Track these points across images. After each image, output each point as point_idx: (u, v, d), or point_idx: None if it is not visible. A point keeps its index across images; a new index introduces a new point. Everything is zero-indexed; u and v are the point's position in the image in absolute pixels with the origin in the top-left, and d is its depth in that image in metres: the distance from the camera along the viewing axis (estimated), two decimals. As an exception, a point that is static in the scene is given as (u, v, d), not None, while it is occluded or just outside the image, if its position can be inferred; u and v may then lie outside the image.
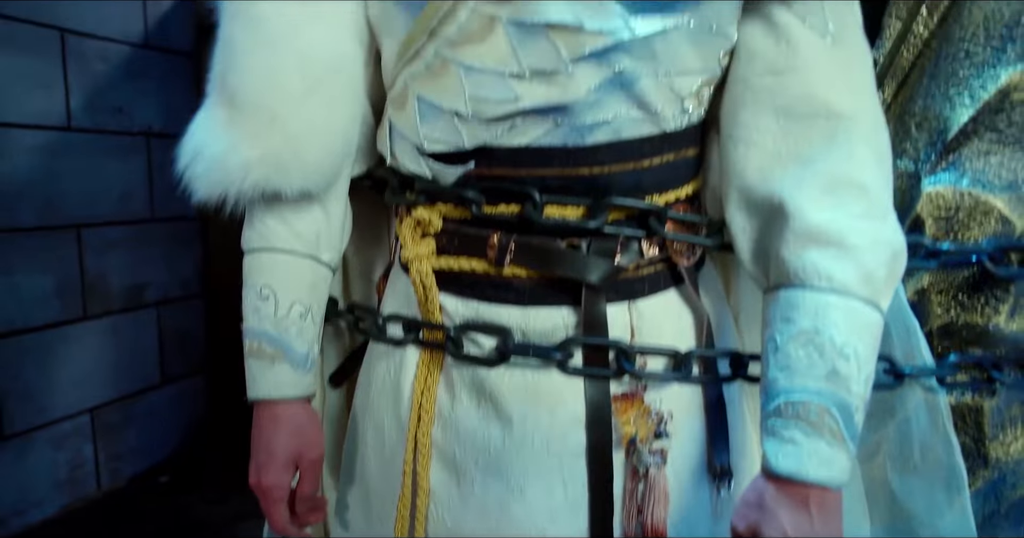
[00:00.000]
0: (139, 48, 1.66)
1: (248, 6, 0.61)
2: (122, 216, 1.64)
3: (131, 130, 1.65)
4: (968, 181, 0.76)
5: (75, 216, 1.54)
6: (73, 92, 1.53)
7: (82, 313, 1.56)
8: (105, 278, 1.60)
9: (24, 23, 1.42)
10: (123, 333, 1.64)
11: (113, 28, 1.60)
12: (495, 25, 0.56)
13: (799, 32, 0.59)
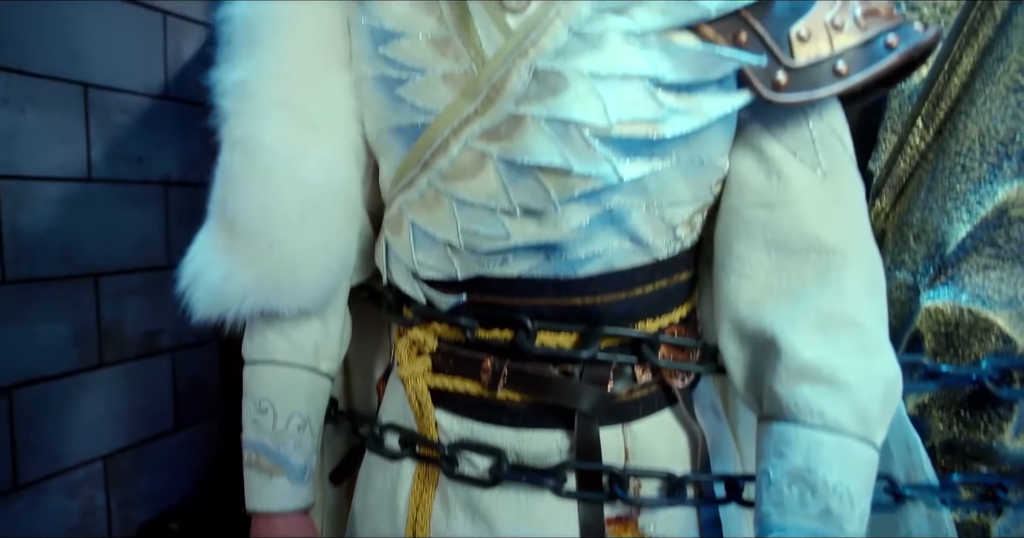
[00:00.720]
0: (159, 99, 1.70)
1: (248, 136, 0.62)
2: (139, 264, 1.66)
3: (150, 179, 1.68)
4: (967, 297, 0.76)
5: (93, 265, 1.57)
6: (94, 144, 1.56)
7: (98, 361, 1.58)
8: (121, 325, 1.63)
9: (50, 80, 1.46)
10: (137, 380, 1.66)
11: (135, 81, 1.64)
12: (486, 162, 0.58)
13: (790, 166, 0.59)
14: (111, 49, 1.58)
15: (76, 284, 1.53)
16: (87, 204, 1.54)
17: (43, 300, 1.47)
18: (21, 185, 1.42)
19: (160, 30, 1.70)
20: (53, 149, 1.48)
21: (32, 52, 1.42)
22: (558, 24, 0.55)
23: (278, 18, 0.61)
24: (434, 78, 0.59)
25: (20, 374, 1.42)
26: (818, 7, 0.56)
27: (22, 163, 1.42)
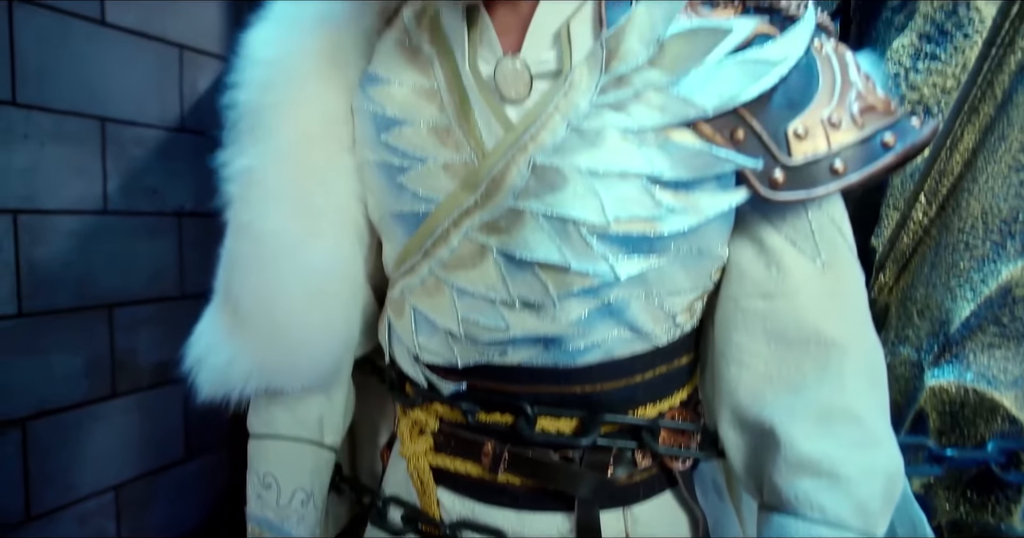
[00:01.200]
0: (174, 131, 1.72)
1: (253, 222, 0.63)
2: (153, 294, 1.68)
3: (164, 211, 1.71)
4: (972, 376, 0.76)
5: (108, 296, 1.59)
6: (110, 176, 1.59)
7: (111, 391, 1.59)
8: (134, 356, 1.64)
9: (69, 115, 1.49)
10: (150, 410, 1.68)
11: (151, 114, 1.67)
12: (486, 254, 0.58)
13: (790, 257, 0.59)
14: (128, 83, 1.61)
15: (90, 315, 1.55)
16: (102, 236, 1.57)
17: (58, 331, 1.48)
18: (39, 219, 1.45)
19: (176, 64, 1.73)
20: (70, 183, 1.50)
21: (52, 88, 1.45)
22: (557, 119, 0.55)
23: (282, 105, 0.62)
24: (435, 167, 0.59)
25: (34, 405, 1.44)
26: (815, 104, 0.56)
27: (40, 197, 1.45)
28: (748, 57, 0.55)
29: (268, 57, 0.63)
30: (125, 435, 1.63)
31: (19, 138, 1.41)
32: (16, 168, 1.40)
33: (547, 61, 0.58)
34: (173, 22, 1.71)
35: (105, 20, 1.55)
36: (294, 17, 0.64)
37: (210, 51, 1.82)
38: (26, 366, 1.43)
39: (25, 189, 1.42)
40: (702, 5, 0.57)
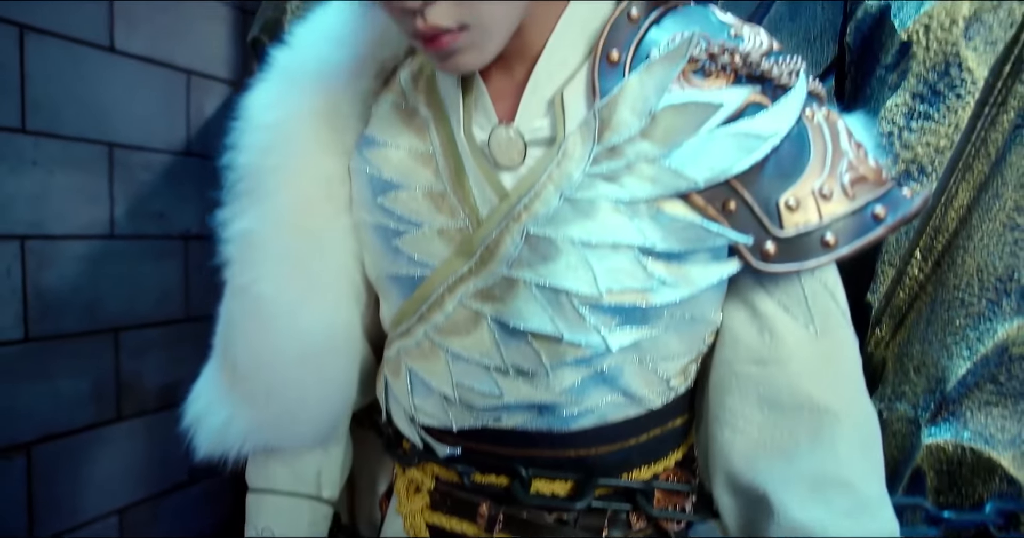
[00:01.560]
0: (181, 156, 1.74)
1: (250, 285, 0.63)
2: (159, 317, 1.69)
3: (171, 234, 1.72)
4: (970, 434, 0.75)
5: (114, 320, 1.60)
6: (117, 201, 1.60)
7: (116, 414, 1.60)
8: (140, 378, 1.65)
9: (78, 141, 1.50)
10: (155, 433, 1.69)
11: (158, 139, 1.68)
12: (480, 320, 0.58)
13: (783, 323, 0.59)
14: (136, 109, 1.63)
15: (97, 339, 1.56)
16: (109, 260, 1.58)
17: (65, 356, 1.50)
18: (46, 244, 1.46)
19: (184, 89, 1.75)
20: (78, 208, 1.52)
21: (61, 115, 1.47)
22: (550, 189, 0.55)
23: (281, 170, 0.63)
24: (430, 232, 0.60)
25: (40, 430, 1.45)
26: (806, 175, 0.56)
27: (48, 222, 1.46)
28: (740, 130, 0.55)
29: (267, 121, 0.63)
30: (130, 458, 1.63)
31: (28, 165, 1.42)
32: (25, 194, 1.42)
33: (541, 128, 0.58)
34: (181, 48, 1.72)
35: (114, 47, 1.57)
36: (293, 79, 0.64)
37: (217, 76, 1.84)
38: (32, 391, 1.44)
39: (33, 215, 1.44)
40: (694, 74, 0.57)
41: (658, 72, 0.55)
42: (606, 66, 0.57)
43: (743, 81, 0.58)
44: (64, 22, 1.47)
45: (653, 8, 0.60)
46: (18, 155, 1.40)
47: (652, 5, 0.60)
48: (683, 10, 0.62)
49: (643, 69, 0.56)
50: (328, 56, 0.64)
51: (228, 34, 1.86)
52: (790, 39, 0.81)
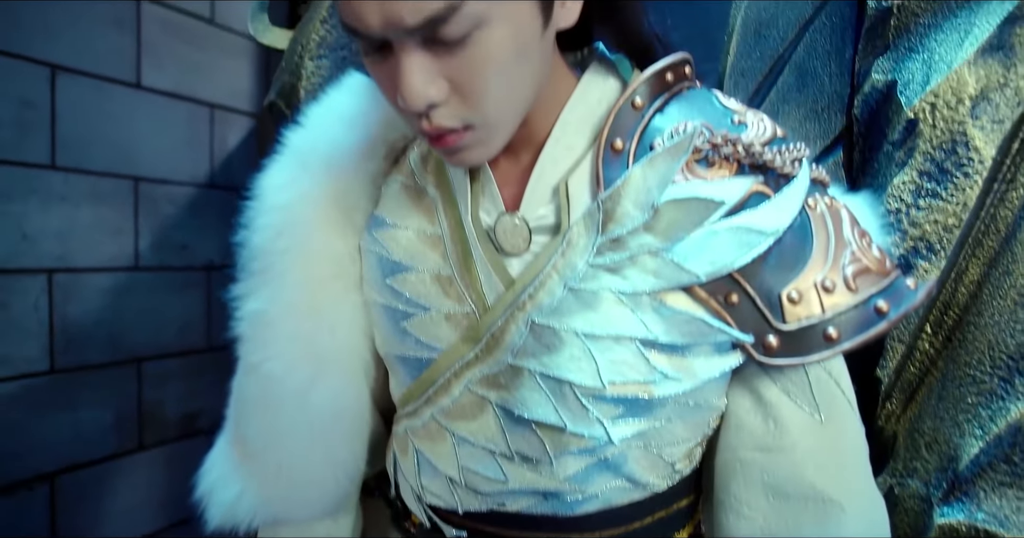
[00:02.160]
0: (204, 188, 1.77)
1: (261, 364, 0.64)
2: (181, 347, 1.72)
3: (193, 265, 1.75)
4: (983, 516, 0.74)
5: (137, 350, 1.63)
6: (142, 234, 1.64)
7: (138, 444, 1.63)
8: (162, 408, 1.68)
9: (104, 176, 1.54)
10: (176, 462, 1.71)
11: (182, 172, 1.72)
12: (486, 406, 0.58)
13: (787, 410, 0.58)
14: (161, 143, 1.67)
15: (120, 370, 1.59)
16: (133, 292, 1.61)
17: (88, 387, 1.52)
18: (72, 277, 1.49)
19: (207, 122, 1.78)
20: (104, 241, 1.55)
21: (89, 151, 1.51)
22: (555, 279, 0.56)
23: (291, 251, 0.64)
24: (438, 316, 0.60)
25: (63, 461, 1.47)
26: (809, 268, 0.56)
27: (74, 256, 1.50)
28: (741, 225, 0.55)
29: (279, 202, 0.65)
30: (151, 487, 1.65)
31: (56, 200, 1.46)
32: (52, 229, 1.45)
33: (546, 216, 0.59)
34: (204, 83, 1.76)
35: (141, 83, 1.61)
36: (304, 161, 0.66)
37: (240, 109, 1.88)
38: (57, 421, 1.47)
39: (60, 249, 1.47)
40: (697, 164, 0.57)
41: (661, 166, 0.56)
42: (610, 155, 0.58)
43: (746, 171, 0.58)
44: (93, 60, 1.51)
45: (657, 95, 0.60)
46: (47, 191, 1.44)
47: (656, 91, 0.61)
48: (687, 95, 0.62)
49: (646, 162, 0.56)
50: (339, 137, 0.66)
51: (250, 68, 1.89)
52: (797, 110, 0.81)
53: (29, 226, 1.41)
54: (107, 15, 1.54)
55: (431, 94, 0.51)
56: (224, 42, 1.82)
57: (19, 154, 1.39)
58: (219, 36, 1.81)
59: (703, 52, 0.84)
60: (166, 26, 1.67)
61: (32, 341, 1.42)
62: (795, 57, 0.81)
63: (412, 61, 0.50)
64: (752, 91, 0.81)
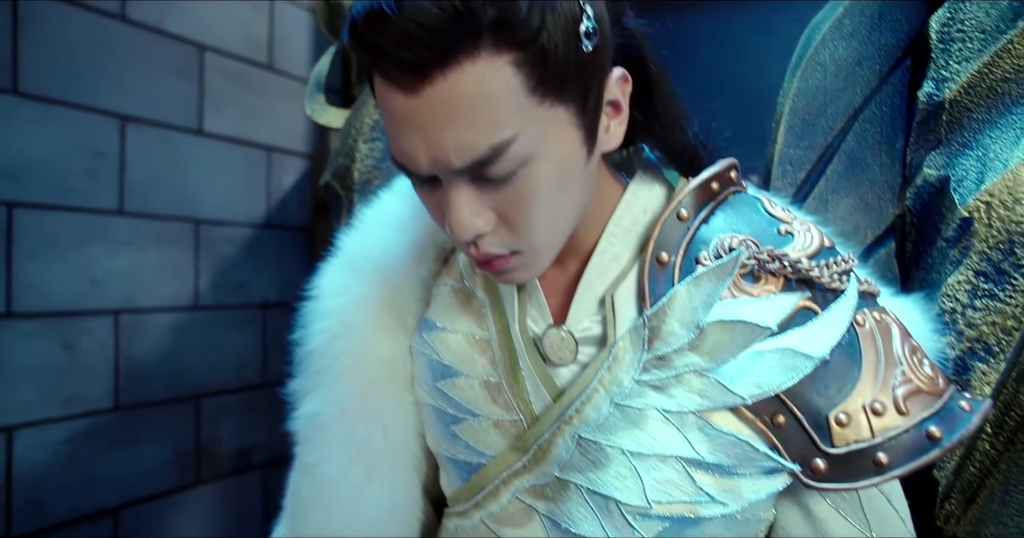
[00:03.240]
0: (260, 228, 1.83)
1: (316, 465, 0.66)
2: (237, 384, 1.77)
3: (250, 303, 1.80)
4: None
5: (195, 387, 1.68)
6: (202, 274, 1.69)
7: (195, 478, 1.67)
8: (219, 443, 1.72)
9: (168, 220, 1.60)
10: (231, 496, 1.75)
11: (239, 213, 1.78)
12: (533, 515, 0.59)
13: (837, 526, 0.57)
14: (220, 186, 1.73)
15: (179, 406, 1.64)
16: (192, 330, 1.66)
17: (149, 423, 1.58)
18: (137, 317, 1.55)
19: (265, 165, 1.84)
20: (166, 282, 1.61)
21: (154, 197, 1.57)
22: (601, 394, 0.56)
23: (345, 355, 0.66)
24: (486, 423, 0.62)
25: (126, 495, 1.52)
26: (858, 389, 0.55)
27: (139, 297, 1.56)
28: (788, 347, 0.55)
29: (333, 307, 0.67)
30: (208, 521, 1.70)
31: (123, 244, 1.53)
32: (119, 271, 1.52)
33: (591, 327, 0.60)
34: (262, 127, 1.83)
35: (202, 130, 1.68)
36: (357, 266, 0.68)
37: (295, 150, 1.93)
38: (119, 457, 1.52)
39: (126, 290, 1.53)
40: (743, 279, 0.57)
41: (706, 286, 0.56)
42: (656, 269, 0.58)
43: (793, 285, 0.58)
44: (159, 109, 1.58)
45: (703, 205, 0.61)
46: (115, 236, 1.51)
47: (701, 202, 0.61)
48: (734, 201, 0.62)
49: (692, 281, 0.57)
50: (390, 242, 0.68)
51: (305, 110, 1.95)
52: (847, 199, 0.80)
53: (98, 269, 1.48)
54: (172, 66, 1.61)
55: (479, 225, 0.52)
56: (280, 86, 1.88)
57: (90, 201, 1.46)
58: (276, 81, 1.87)
59: (750, 149, 0.84)
60: (227, 74, 1.74)
61: (99, 380, 1.48)
62: (844, 146, 0.81)
63: (460, 195, 0.52)
64: (800, 180, 0.80)
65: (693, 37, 0.93)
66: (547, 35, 0.48)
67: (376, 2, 0.47)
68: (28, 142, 1.34)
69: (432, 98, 0.48)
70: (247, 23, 1.79)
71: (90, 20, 1.44)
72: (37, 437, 1.37)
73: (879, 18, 0.80)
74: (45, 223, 1.38)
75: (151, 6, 1.56)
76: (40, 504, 1.38)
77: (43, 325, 1.38)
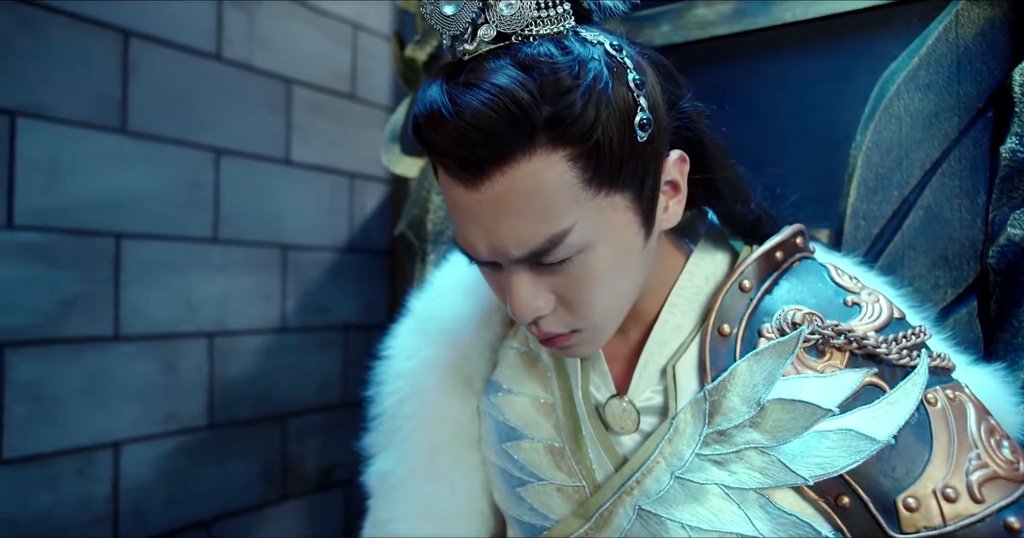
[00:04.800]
0: (343, 252, 1.89)
1: (387, 523, 0.71)
2: (320, 404, 1.83)
3: (333, 325, 1.87)
4: None
5: (282, 406, 1.75)
6: (288, 297, 1.77)
7: (282, 495, 1.74)
8: (303, 461, 1.79)
9: (258, 247, 1.68)
10: (316, 511, 1.81)
11: (324, 238, 1.85)
12: None
13: None
14: (306, 213, 1.80)
15: (266, 426, 1.72)
16: (279, 352, 1.74)
17: (240, 440, 1.65)
18: (229, 340, 1.64)
19: (347, 191, 1.91)
20: (255, 306, 1.69)
21: (244, 224, 1.65)
22: (662, 466, 0.57)
23: (413, 417, 0.69)
24: (550, 487, 0.63)
25: (218, 508, 1.60)
26: (928, 472, 0.53)
27: (230, 320, 1.64)
28: (852, 429, 0.53)
29: (404, 370, 0.71)
30: (295, 534, 1.76)
31: (217, 270, 1.61)
32: (213, 296, 1.60)
33: (653, 397, 0.60)
34: (345, 154, 1.90)
35: (290, 159, 1.76)
36: (426, 330, 0.71)
37: (376, 176, 2.00)
38: (213, 473, 1.60)
39: (219, 313, 1.62)
40: (807, 353, 0.57)
41: (767, 363, 0.55)
42: (717, 341, 0.58)
43: (859, 360, 0.56)
44: (250, 142, 1.66)
45: (767, 275, 0.60)
46: (209, 263, 1.59)
47: (765, 272, 0.60)
48: (799, 270, 0.61)
49: (753, 357, 0.56)
50: (458, 306, 0.71)
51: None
52: (925, 256, 0.77)
53: (194, 295, 1.56)
54: (262, 100, 1.69)
55: (539, 307, 0.54)
56: (362, 115, 1.95)
57: (187, 230, 1.55)
58: (358, 110, 1.94)
59: (824, 203, 0.82)
60: (312, 105, 1.81)
61: (195, 400, 1.57)
62: (922, 201, 0.78)
63: (520, 280, 0.53)
64: (874, 235, 0.78)
65: (764, 86, 0.92)
66: (601, 129, 0.49)
67: (435, 104, 0.49)
68: (134, 177, 1.44)
69: (490, 193, 0.49)
70: (331, 56, 1.87)
71: (189, 61, 1.54)
72: (141, 452, 1.46)
73: (957, 68, 0.77)
74: (148, 252, 1.47)
75: (243, 44, 1.65)
76: (142, 515, 1.47)
77: (146, 347, 1.47)
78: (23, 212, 1.27)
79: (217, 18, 1.60)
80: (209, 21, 1.58)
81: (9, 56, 1.25)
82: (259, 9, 1.69)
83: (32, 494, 1.29)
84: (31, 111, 1.28)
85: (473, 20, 0.49)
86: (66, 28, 1.33)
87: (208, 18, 1.58)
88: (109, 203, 1.40)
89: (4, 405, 1.25)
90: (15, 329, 1.26)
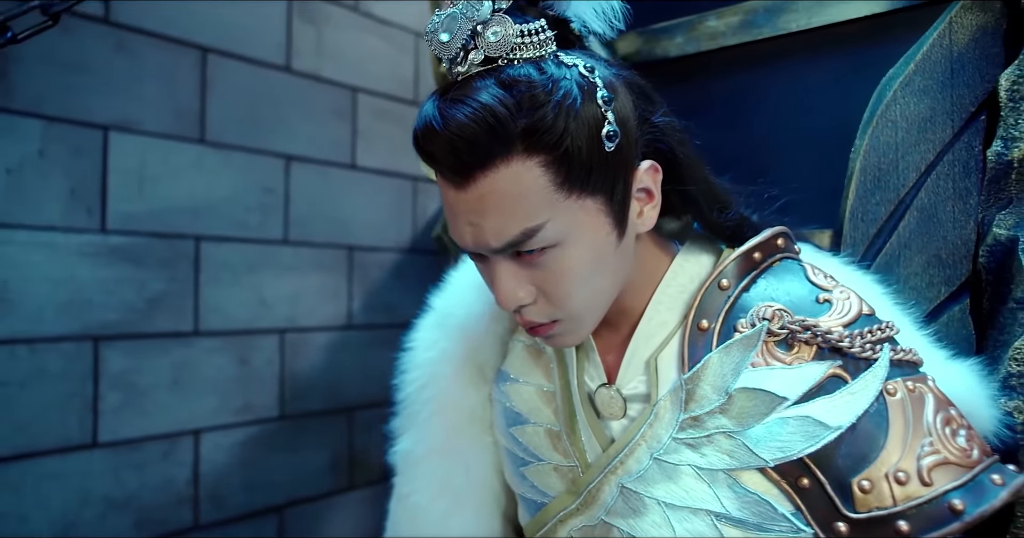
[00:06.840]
0: (406, 253, 1.97)
1: (409, 495, 0.77)
2: (385, 397, 1.91)
3: (396, 323, 1.94)
4: None
5: (349, 400, 1.84)
6: (354, 296, 1.85)
7: (349, 484, 1.83)
8: (368, 453, 1.87)
9: (326, 248, 1.78)
10: (380, 501, 1.89)
11: (388, 239, 1.93)
12: None
13: None
14: (371, 215, 1.88)
15: (335, 417, 1.81)
16: (346, 348, 1.83)
17: (309, 431, 1.75)
18: (299, 336, 1.73)
19: (411, 194, 1.98)
20: (324, 303, 1.78)
21: (313, 227, 1.75)
22: (643, 448, 0.61)
23: (432, 401, 0.77)
24: (548, 467, 0.68)
25: (289, 495, 1.70)
26: (882, 458, 0.56)
27: (301, 317, 1.73)
28: (809, 416, 0.57)
29: (423, 360, 0.79)
30: (360, 522, 1.85)
31: (288, 270, 1.71)
32: (285, 294, 1.70)
33: (638, 386, 0.65)
34: (408, 158, 1.97)
35: (355, 164, 1.84)
36: (444, 324, 0.79)
37: (438, 179, 2.07)
38: (285, 461, 1.70)
39: (290, 311, 1.71)
40: (777, 346, 0.60)
41: (735, 354, 0.59)
42: (696, 335, 0.62)
43: (825, 354, 0.59)
44: (318, 148, 1.76)
45: (745, 274, 0.64)
46: (281, 263, 1.69)
47: (744, 271, 0.64)
48: (777, 269, 0.64)
49: (723, 349, 0.60)
50: (472, 302, 0.78)
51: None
52: (920, 255, 0.77)
53: (267, 293, 1.66)
54: (330, 108, 1.79)
55: (520, 297, 0.60)
56: (425, 120, 2.02)
57: (261, 233, 1.65)
58: (420, 115, 2.01)
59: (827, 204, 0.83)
60: (377, 112, 1.90)
61: (268, 391, 1.67)
62: (917, 202, 0.78)
63: (503, 270, 0.59)
64: (872, 235, 0.79)
65: (771, 93, 0.94)
66: (571, 139, 0.55)
67: (428, 117, 0.56)
68: (212, 183, 1.55)
69: (475, 193, 0.56)
70: (394, 63, 1.95)
71: (261, 74, 1.64)
72: (218, 440, 1.57)
73: (951, 74, 0.77)
74: (224, 253, 1.58)
75: (311, 56, 1.74)
76: (220, 499, 1.57)
77: (223, 342, 1.58)
78: (115, 217, 1.39)
79: (287, 32, 1.69)
80: (279, 35, 1.68)
81: (106, 76, 1.37)
82: (326, 22, 1.78)
83: (124, 475, 1.41)
84: (122, 125, 1.40)
85: (464, 45, 0.56)
86: (152, 48, 1.44)
87: (278, 32, 1.68)
88: (190, 208, 1.51)
89: (99, 394, 1.37)
90: (109, 324, 1.38)
